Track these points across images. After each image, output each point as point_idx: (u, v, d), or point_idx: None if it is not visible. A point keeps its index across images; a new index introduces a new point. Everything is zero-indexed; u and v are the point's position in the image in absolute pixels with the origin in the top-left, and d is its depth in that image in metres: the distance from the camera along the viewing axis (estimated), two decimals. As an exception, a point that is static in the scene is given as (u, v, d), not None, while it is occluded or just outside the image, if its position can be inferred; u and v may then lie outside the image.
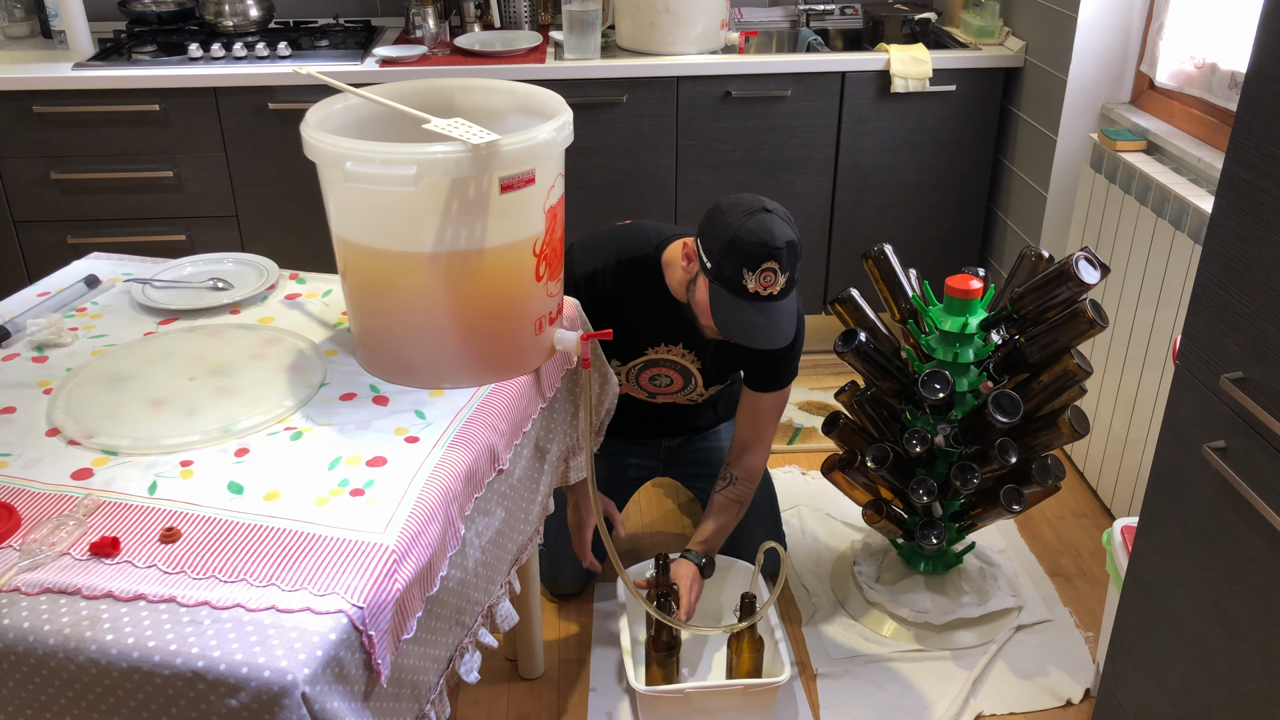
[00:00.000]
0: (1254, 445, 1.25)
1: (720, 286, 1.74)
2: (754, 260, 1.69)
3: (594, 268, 1.92)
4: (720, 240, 1.71)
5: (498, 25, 3.05)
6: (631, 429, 2.19)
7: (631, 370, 2.04)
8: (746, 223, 1.70)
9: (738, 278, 1.71)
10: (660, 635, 1.89)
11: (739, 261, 1.70)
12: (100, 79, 2.63)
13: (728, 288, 1.73)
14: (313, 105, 1.45)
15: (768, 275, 1.70)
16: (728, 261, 1.71)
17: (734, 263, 1.70)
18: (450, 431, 1.37)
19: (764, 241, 1.68)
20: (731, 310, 1.74)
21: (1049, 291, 1.82)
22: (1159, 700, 1.51)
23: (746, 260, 1.69)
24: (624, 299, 1.93)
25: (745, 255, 1.69)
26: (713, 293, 1.75)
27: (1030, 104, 2.76)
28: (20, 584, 1.09)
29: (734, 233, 1.70)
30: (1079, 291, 1.79)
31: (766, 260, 1.69)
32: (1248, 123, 1.23)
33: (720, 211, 1.75)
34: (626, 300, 1.93)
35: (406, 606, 1.17)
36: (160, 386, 1.44)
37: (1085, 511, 2.50)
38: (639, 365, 2.03)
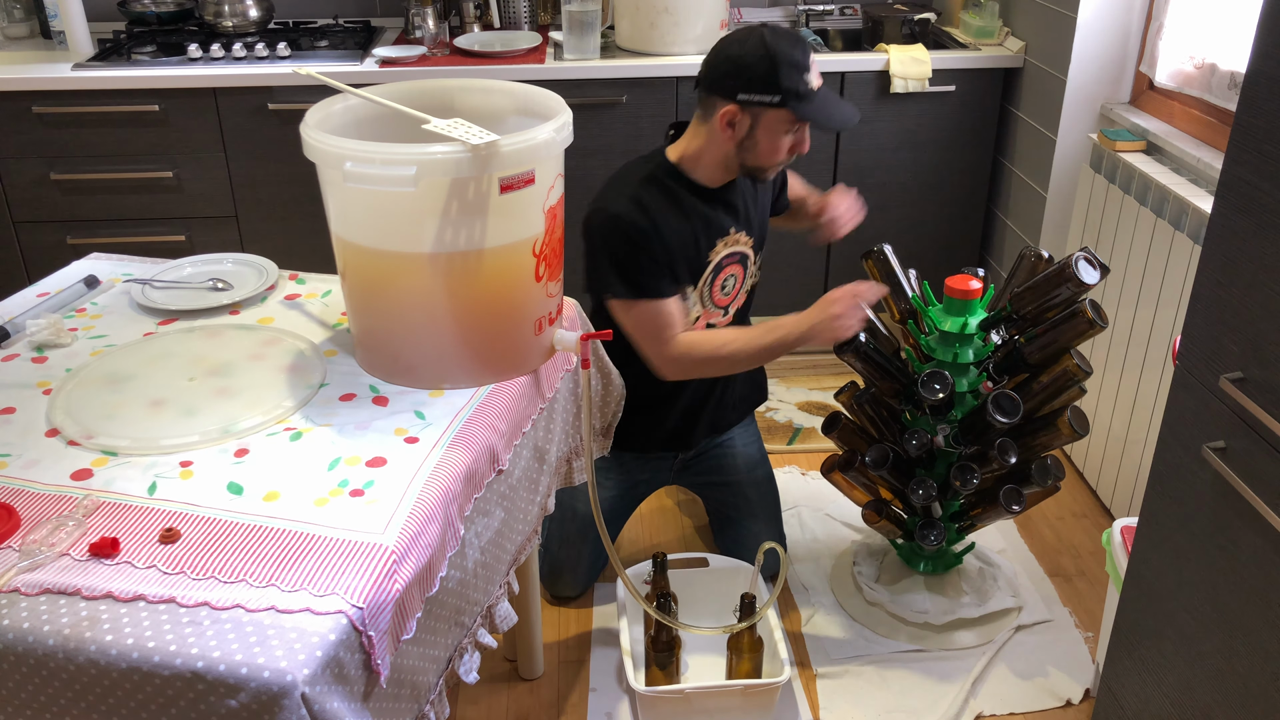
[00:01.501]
0: (1254, 445, 1.25)
1: (797, 103, 1.81)
2: (803, 61, 1.80)
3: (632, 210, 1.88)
4: (762, 70, 1.78)
5: (497, 25, 3.05)
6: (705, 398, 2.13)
7: (704, 288, 1.99)
8: (770, 41, 1.79)
9: (804, 85, 1.80)
10: (660, 635, 1.89)
11: (798, 70, 1.79)
12: (100, 79, 2.63)
13: (802, 98, 1.81)
14: (312, 105, 1.45)
15: (815, 67, 1.82)
16: (789, 77, 1.78)
17: (794, 74, 1.79)
18: (450, 432, 1.37)
19: (799, 42, 1.82)
20: (820, 108, 1.83)
21: (1048, 291, 1.82)
22: (1159, 700, 1.51)
23: (800, 65, 1.79)
24: (669, 216, 1.91)
25: (797, 62, 1.79)
26: (803, 113, 1.82)
27: (1030, 104, 2.76)
28: (20, 584, 1.09)
29: (771, 56, 1.78)
30: (1079, 292, 1.79)
31: (808, 55, 1.81)
32: (1247, 123, 1.23)
33: (738, 58, 1.81)
34: (671, 215, 1.91)
35: (406, 607, 1.17)
36: (160, 387, 1.44)
37: (1085, 511, 2.50)
38: (709, 277, 1.98)
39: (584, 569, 2.20)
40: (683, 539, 2.43)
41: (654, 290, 1.87)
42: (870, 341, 1.95)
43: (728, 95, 1.81)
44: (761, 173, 1.92)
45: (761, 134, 1.84)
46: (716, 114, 1.83)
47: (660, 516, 2.50)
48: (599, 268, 1.90)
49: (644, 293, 1.87)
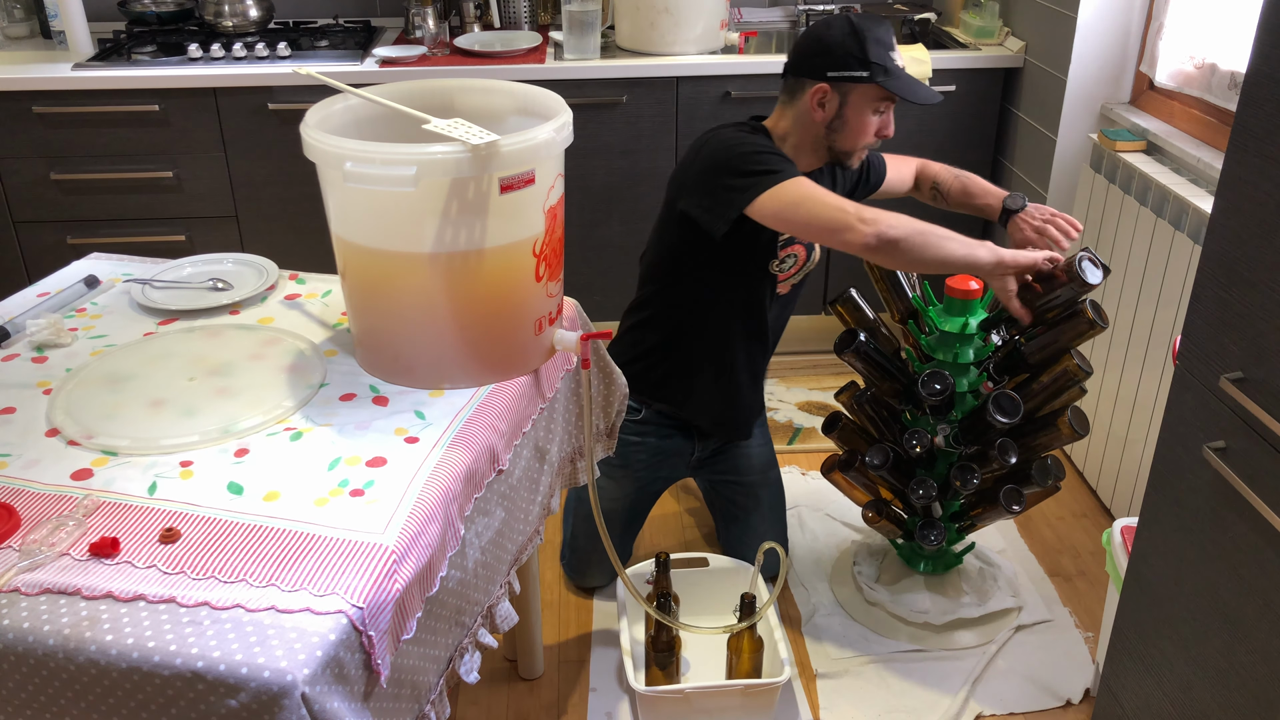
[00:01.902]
0: (1254, 445, 1.25)
1: (886, 78, 1.85)
2: (889, 41, 1.87)
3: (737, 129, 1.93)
4: (856, 46, 1.84)
5: (497, 25, 3.05)
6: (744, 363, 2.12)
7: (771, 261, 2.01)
8: (863, 24, 1.85)
9: (891, 61, 1.85)
10: (660, 635, 1.89)
11: (885, 48, 1.85)
12: (100, 79, 2.63)
13: (890, 74, 1.85)
14: (312, 105, 1.45)
15: (898, 49, 1.88)
16: (879, 55, 1.84)
17: (883, 53, 1.84)
18: (450, 432, 1.37)
19: (884, 23, 1.87)
20: (908, 86, 1.87)
21: (1050, 292, 1.82)
22: (1159, 700, 1.51)
23: (887, 45, 1.86)
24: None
25: (885, 42, 1.85)
26: (892, 88, 1.85)
27: (1030, 104, 2.76)
28: (20, 584, 1.09)
29: (860, 34, 1.84)
30: (1081, 292, 1.79)
31: (891, 35, 1.87)
32: (1247, 123, 1.23)
33: (826, 37, 1.86)
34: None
35: (406, 607, 1.17)
36: (160, 387, 1.44)
37: (1085, 511, 2.50)
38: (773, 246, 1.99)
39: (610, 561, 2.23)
40: (684, 540, 2.43)
41: (794, 171, 1.82)
42: (870, 341, 1.95)
43: (817, 74, 1.87)
44: (848, 156, 1.95)
45: (850, 112, 1.88)
46: (806, 94, 1.88)
47: (662, 517, 2.50)
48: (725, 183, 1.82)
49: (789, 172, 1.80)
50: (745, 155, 1.82)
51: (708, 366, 2.08)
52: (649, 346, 2.08)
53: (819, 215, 1.76)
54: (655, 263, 2.05)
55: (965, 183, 2.14)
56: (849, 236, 1.74)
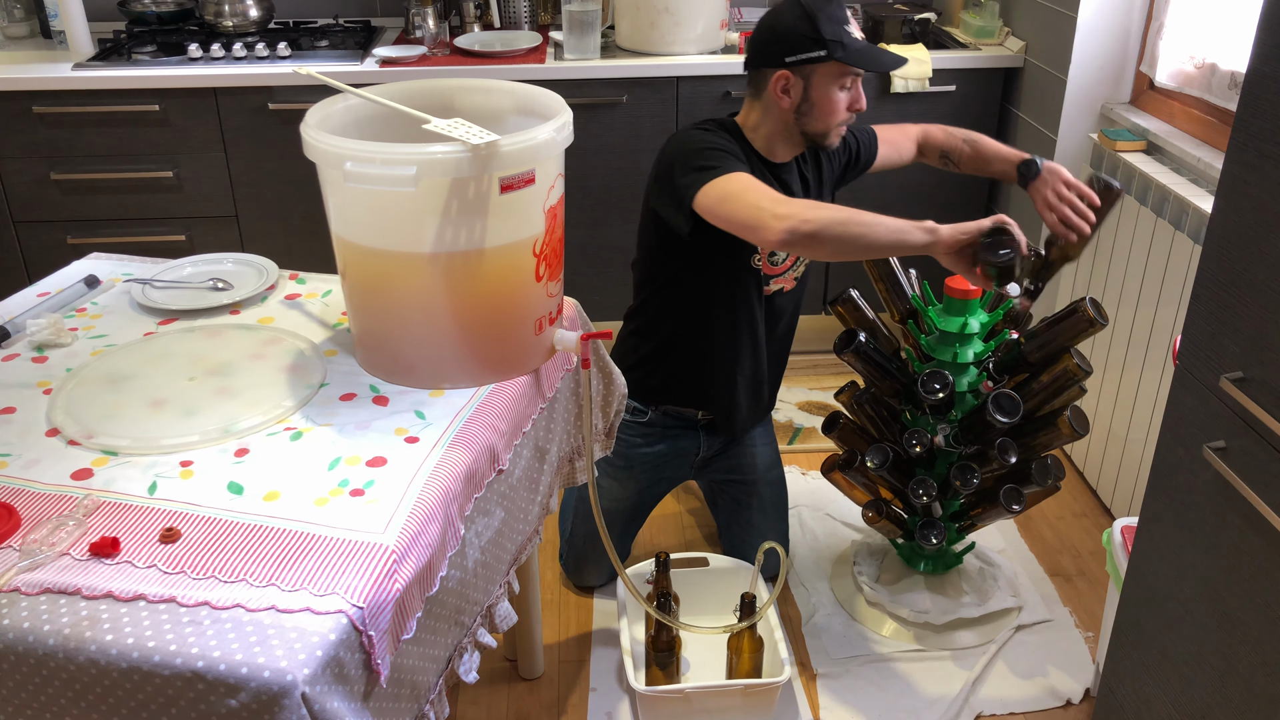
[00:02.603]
0: (1254, 445, 1.25)
1: (844, 53, 1.83)
2: (842, 16, 1.83)
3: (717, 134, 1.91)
4: (808, 27, 1.82)
5: (497, 25, 3.05)
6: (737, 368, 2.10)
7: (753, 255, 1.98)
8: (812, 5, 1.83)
9: (846, 36, 1.83)
10: (660, 635, 1.89)
11: (839, 24, 1.83)
12: (100, 79, 2.63)
13: (848, 48, 1.83)
14: (313, 105, 1.45)
15: (856, 20, 1.86)
16: (832, 31, 1.82)
17: (836, 28, 1.82)
18: (450, 432, 1.37)
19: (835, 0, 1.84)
20: (868, 56, 1.85)
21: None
22: (1159, 700, 1.51)
23: (840, 19, 1.83)
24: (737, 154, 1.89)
25: (837, 17, 1.83)
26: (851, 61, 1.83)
27: (1030, 104, 2.76)
28: (20, 584, 1.09)
29: (811, 13, 1.81)
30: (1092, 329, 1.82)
31: (843, 9, 1.84)
32: (1248, 123, 1.23)
33: (778, 24, 1.85)
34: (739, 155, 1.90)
35: (406, 607, 1.17)
36: (160, 387, 1.44)
37: (1085, 511, 2.50)
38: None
39: (609, 561, 2.22)
40: (684, 540, 2.43)
41: (735, 167, 1.80)
42: (870, 341, 1.95)
43: (776, 62, 1.85)
44: (824, 137, 1.93)
45: (816, 94, 1.87)
46: (769, 84, 1.87)
47: (663, 517, 2.50)
48: (679, 179, 1.82)
49: (727, 167, 1.78)
50: (692, 152, 1.82)
51: (706, 366, 2.07)
52: (648, 351, 2.08)
53: (737, 213, 1.74)
54: (642, 266, 2.06)
55: (978, 147, 2.08)
56: (764, 234, 1.69)
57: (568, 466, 1.72)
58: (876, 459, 1.97)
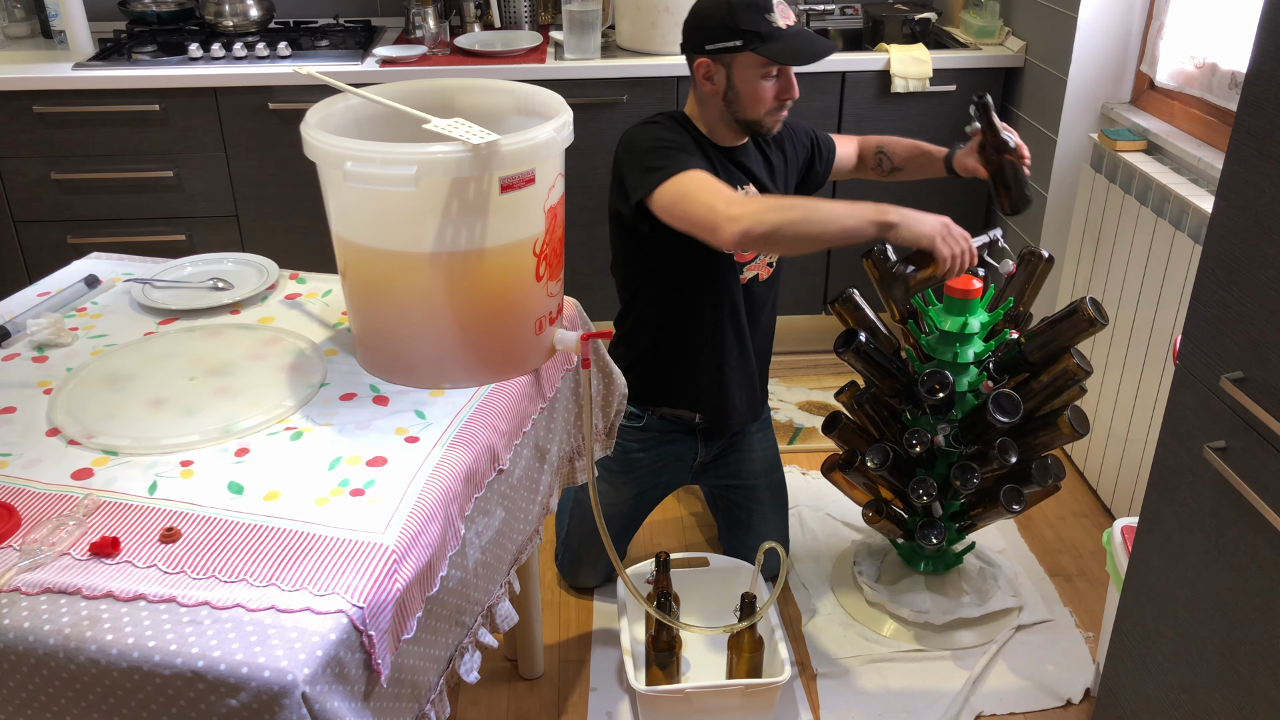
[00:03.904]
0: (1254, 445, 1.25)
1: (762, 44, 1.78)
2: (764, 3, 1.77)
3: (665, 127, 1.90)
4: (726, 15, 1.77)
5: (498, 25, 3.05)
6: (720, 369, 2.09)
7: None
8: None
9: (768, 25, 1.77)
10: (660, 635, 1.89)
11: (756, 11, 1.76)
12: (100, 79, 2.63)
13: (766, 38, 1.77)
14: (313, 105, 1.45)
15: (783, 6, 1.78)
16: (748, 19, 1.76)
17: (752, 16, 1.76)
18: (450, 431, 1.37)
19: None
20: (784, 45, 1.78)
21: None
22: (1159, 700, 1.51)
23: (760, 6, 1.77)
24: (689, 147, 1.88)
25: (757, 4, 1.77)
26: (767, 53, 1.78)
27: (1030, 104, 2.76)
28: (20, 584, 1.09)
29: (731, 3, 1.77)
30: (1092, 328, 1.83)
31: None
32: (1248, 123, 1.23)
33: (700, 10, 1.81)
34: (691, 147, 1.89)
35: (406, 606, 1.17)
36: (160, 386, 1.44)
37: (1085, 511, 2.50)
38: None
39: (603, 562, 2.24)
40: (684, 540, 2.43)
41: (687, 164, 1.78)
42: (870, 341, 1.95)
43: (698, 50, 1.83)
44: (758, 125, 1.90)
45: (739, 82, 1.84)
46: (694, 71, 1.86)
47: (663, 518, 2.50)
48: (630, 180, 1.81)
49: (679, 166, 1.76)
50: (642, 152, 1.81)
51: (695, 360, 2.05)
52: (639, 352, 2.07)
53: (691, 214, 1.71)
54: (619, 268, 2.05)
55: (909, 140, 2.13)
56: (719, 236, 1.68)
57: (568, 466, 1.72)
58: (876, 459, 1.97)
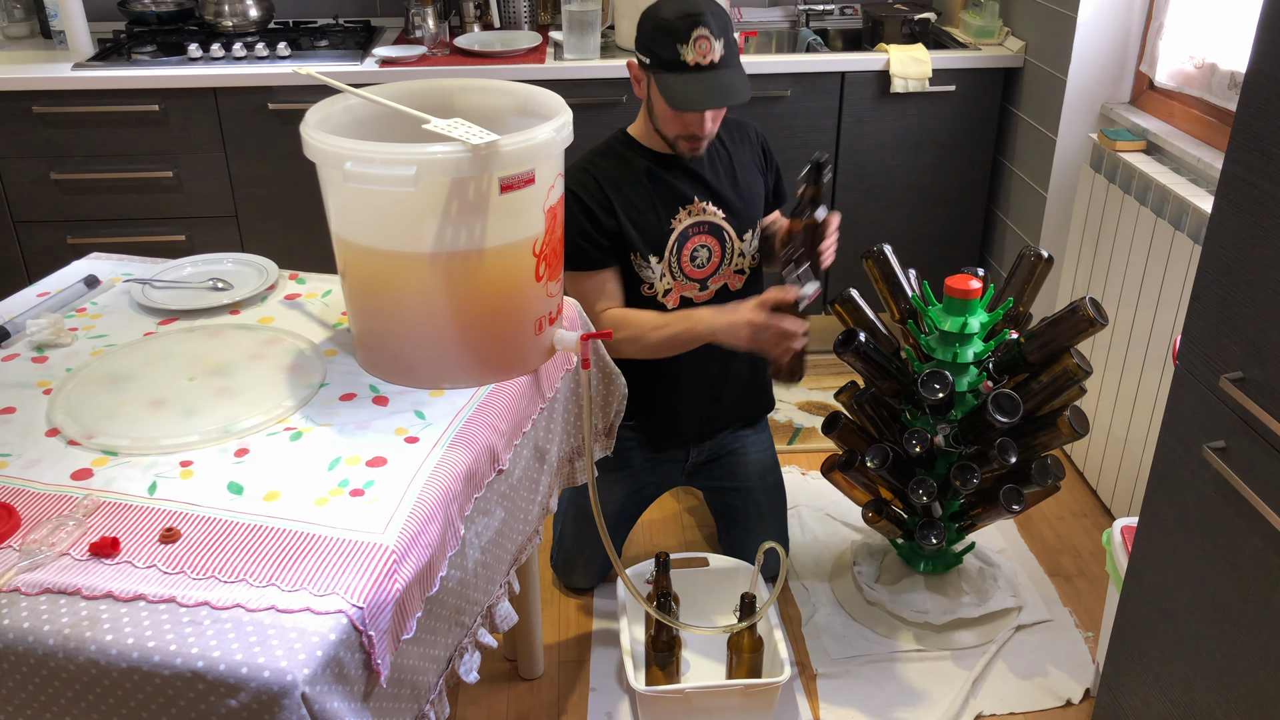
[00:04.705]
0: (1254, 445, 1.25)
1: (664, 73, 1.75)
2: (683, 31, 1.72)
3: (580, 172, 1.91)
4: (648, 32, 1.76)
5: (497, 25, 3.05)
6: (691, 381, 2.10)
7: (670, 258, 1.96)
8: (664, 6, 1.74)
9: (675, 56, 1.73)
10: (660, 635, 1.89)
11: (670, 39, 1.73)
12: (100, 79, 2.63)
13: (670, 69, 1.74)
14: (312, 105, 1.45)
15: (701, 44, 1.72)
16: (662, 45, 1.74)
17: (666, 43, 1.73)
18: (450, 432, 1.37)
19: (687, 13, 1.72)
20: (681, 86, 1.75)
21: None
22: (1159, 700, 1.51)
23: (676, 34, 1.73)
24: (621, 185, 1.91)
25: (673, 30, 1.73)
26: (660, 84, 1.76)
27: (1030, 104, 2.76)
28: (20, 584, 1.09)
29: (655, 18, 1.75)
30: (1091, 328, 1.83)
31: (694, 28, 1.72)
32: (1247, 123, 1.23)
33: (644, 13, 1.79)
34: (623, 185, 1.91)
35: (406, 607, 1.17)
36: (160, 387, 1.44)
37: (1085, 511, 2.50)
38: (673, 246, 1.95)
39: (597, 563, 2.23)
40: (684, 540, 2.43)
41: (581, 261, 1.87)
42: (870, 341, 1.95)
43: (636, 48, 1.82)
44: (673, 145, 1.89)
45: (654, 99, 1.82)
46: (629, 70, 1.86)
47: (662, 517, 2.50)
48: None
49: (571, 263, 1.83)
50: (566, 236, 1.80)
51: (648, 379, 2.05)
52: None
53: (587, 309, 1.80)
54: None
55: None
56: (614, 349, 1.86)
57: (567, 467, 1.72)
58: (876, 459, 1.97)
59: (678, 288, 2.01)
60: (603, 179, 1.91)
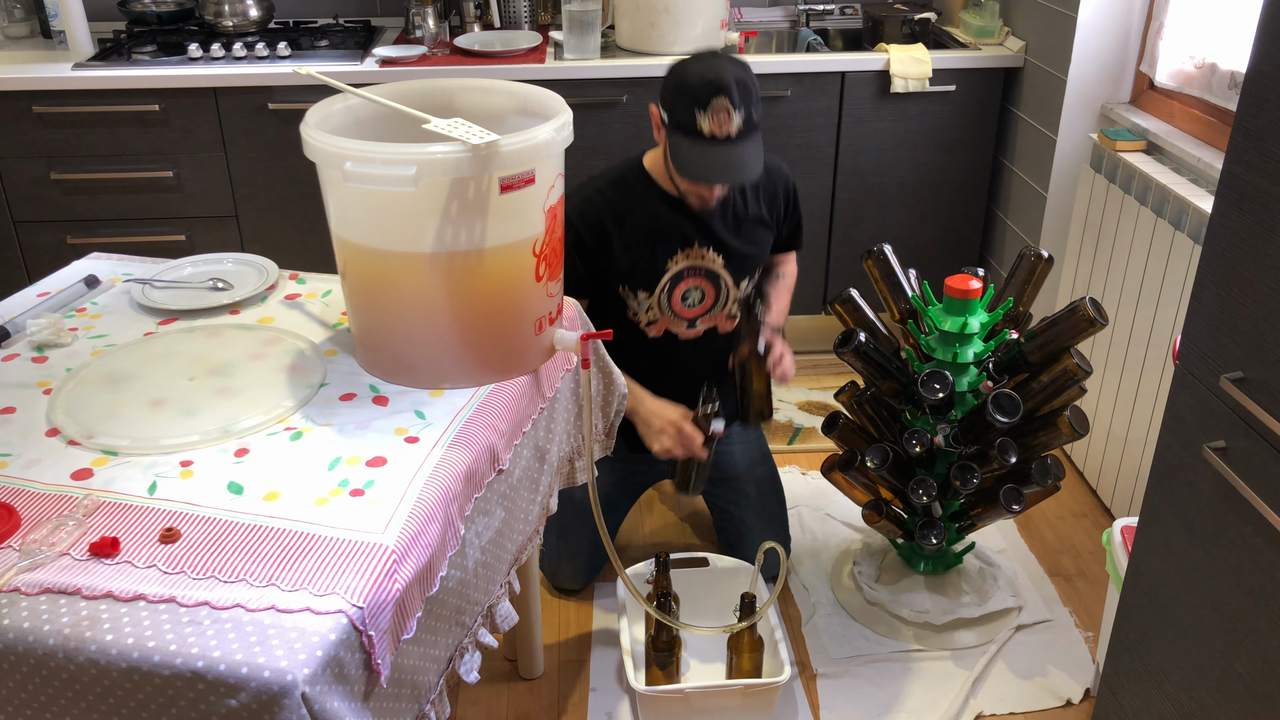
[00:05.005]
0: (1254, 445, 1.25)
1: (679, 135, 1.74)
2: (703, 99, 1.70)
3: (585, 200, 1.91)
4: (671, 90, 1.74)
5: (497, 25, 3.05)
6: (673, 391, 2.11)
7: (661, 295, 1.99)
8: (693, 66, 1.72)
9: (691, 121, 1.71)
10: (660, 635, 1.89)
11: (690, 103, 1.71)
12: (100, 79, 2.63)
13: (685, 134, 1.73)
14: (313, 105, 1.45)
15: (720, 115, 1.70)
16: (680, 107, 1.72)
17: (686, 107, 1.71)
18: (450, 431, 1.37)
19: (710, 80, 1.70)
20: (691, 154, 1.74)
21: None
22: (1159, 700, 1.51)
23: (696, 100, 1.71)
24: (625, 218, 1.91)
25: (694, 96, 1.71)
26: (672, 144, 1.75)
27: (1030, 104, 2.76)
28: (20, 584, 1.09)
29: (681, 78, 1.72)
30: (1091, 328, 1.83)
31: (715, 96, 1.70)
32: (1248, 123, 1.23)
33: (672, 67, 1.78)
34: (627, 219, 1.91)
35: (406, 606, 1.17)
36: (160, 387, 1.44)
37: (1085, 511, 2.50)
38: (666, 285, 1.98)
39: (584, 559, 2.20)
40: (684, 540, 2.43)
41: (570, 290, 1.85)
42: (870, 341, 1.95)
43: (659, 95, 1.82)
44: (684, 197, 1.89)
45: (669, 151, 1.81)
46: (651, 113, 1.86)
47: (663, 517, 2.50)
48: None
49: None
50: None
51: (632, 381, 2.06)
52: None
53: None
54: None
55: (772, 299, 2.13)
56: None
57: (568, 467, 1.72)
58: (876, 459, 1.97)
59: (665, 321, 2.03)
60: (606, 211, 1.91)
